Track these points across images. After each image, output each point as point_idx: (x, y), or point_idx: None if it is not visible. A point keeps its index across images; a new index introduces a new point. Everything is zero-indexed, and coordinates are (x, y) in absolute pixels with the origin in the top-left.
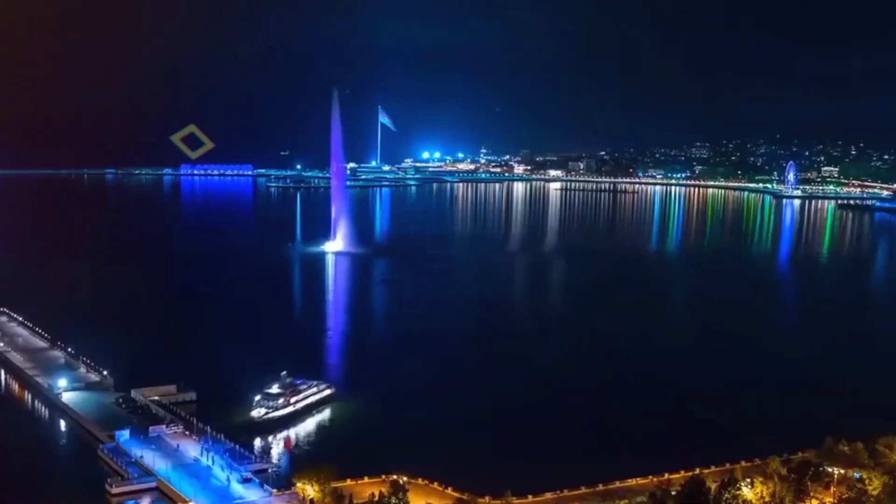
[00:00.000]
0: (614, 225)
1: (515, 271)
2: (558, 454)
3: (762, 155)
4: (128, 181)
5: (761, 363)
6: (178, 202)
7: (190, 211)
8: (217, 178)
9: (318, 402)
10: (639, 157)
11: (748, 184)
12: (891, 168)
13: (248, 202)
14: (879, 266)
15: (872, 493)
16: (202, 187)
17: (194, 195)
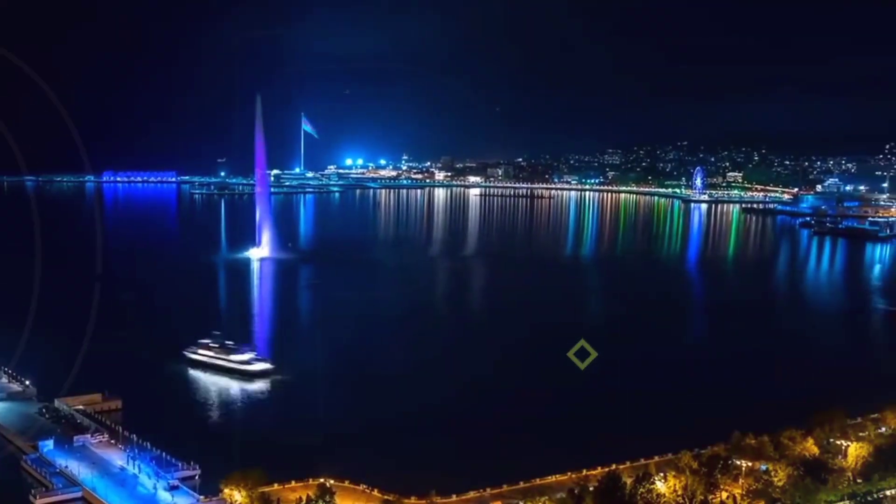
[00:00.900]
0: (532, 229)
1: (438, 275)
2: (482, 454)
3: (671, 161)
4: (49, 188)
5: (672, 361)
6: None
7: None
8: (140, 186)
9: (252, 373)
10: (554, 164)
11: (658, 189)
12: (791, 173)
13: (172, 209)
14: (781, 267)
15: (778, 484)
16: (125, 194)
17: (117, 202)
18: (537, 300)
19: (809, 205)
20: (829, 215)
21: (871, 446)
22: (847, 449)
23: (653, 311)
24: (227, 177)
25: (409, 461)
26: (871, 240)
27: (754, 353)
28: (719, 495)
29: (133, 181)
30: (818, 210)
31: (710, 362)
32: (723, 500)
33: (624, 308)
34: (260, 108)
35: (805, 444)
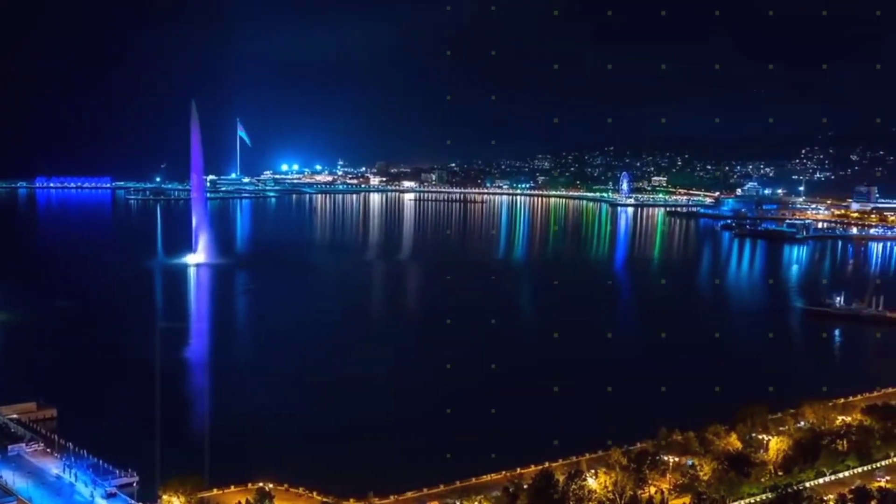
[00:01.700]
0: (466, 233)
1: (375, 279)
2: (419, 455)
3: (598, 166)
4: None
5: (601, 361)
6: (33, 215)
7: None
8: (74, 191)
9: None
10: (486, 169)
11: (587, 193)
12: (712, 177)
13: (107, 215)
14: (704, 268)
15: (703, 478)
16: (59, 200)
17: (50, 208)
18: (472, 303)
19: (730, 208)
20: (748, 218)
21: (790, 440)
22: (768, 443)
23: (582, 313)
24: (162, 182)
25: (348, 463)
26: (788, 241)
27: (680, 352)
28: (648, 490)
29: (67, 187)
30: (738, 213)
31: (638, 361)
32: (651, 495)
33: (555, 309)
34: (195, 114)
35: (729, 439)
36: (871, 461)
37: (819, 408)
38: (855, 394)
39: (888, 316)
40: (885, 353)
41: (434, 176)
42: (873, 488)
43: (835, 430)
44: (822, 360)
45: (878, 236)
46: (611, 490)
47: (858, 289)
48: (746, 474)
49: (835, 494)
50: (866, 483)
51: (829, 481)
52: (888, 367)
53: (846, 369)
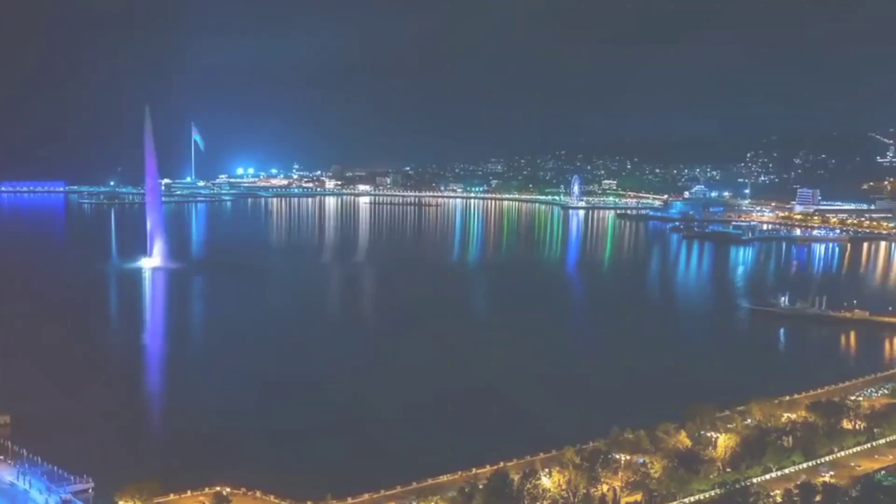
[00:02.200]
0: (421, 236)
1: (330, 282)
2: (375, 456)
3: (550, 170)
4: None
5: (554, 361)
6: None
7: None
8: (27, 196)
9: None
10: (440, 172)
11: (539, 196)
12: (661, 181)
13: (61, 219)
14: (654, 269)
15: (654, 476)
16: (10, 205)
17: (1, 213)
18: (427, 304)
19: (678, 210)
20: (696, 220)
21: (738, 437)
22: (717, 440)
23: (535, 314)
24: (116, 186)
25: (305, 465)
26: (734, 243)
27: (630, 352)
28: (600, 488)
29: (19, 191)
30: (686, 215)
31: (590, 361)
32: (603, 493)
33: (508, 310)
34: (149, 117)
35: (678, 437)
36: (816, 457)
37: (765, 405)
38: (800, 391)
39: (831, 315)
40: (828, 351)
41: (389, 180)
42: (818, 483)
43: (780, 427)
44: (767, 358)
45: (821, 237)
46: (564, 489)
47: (802, 289)
48: (696, 471)
49: (781, 490)
50: (811, 478)
51: (775, 477)
52: (831, 365)
53: (791, 367)
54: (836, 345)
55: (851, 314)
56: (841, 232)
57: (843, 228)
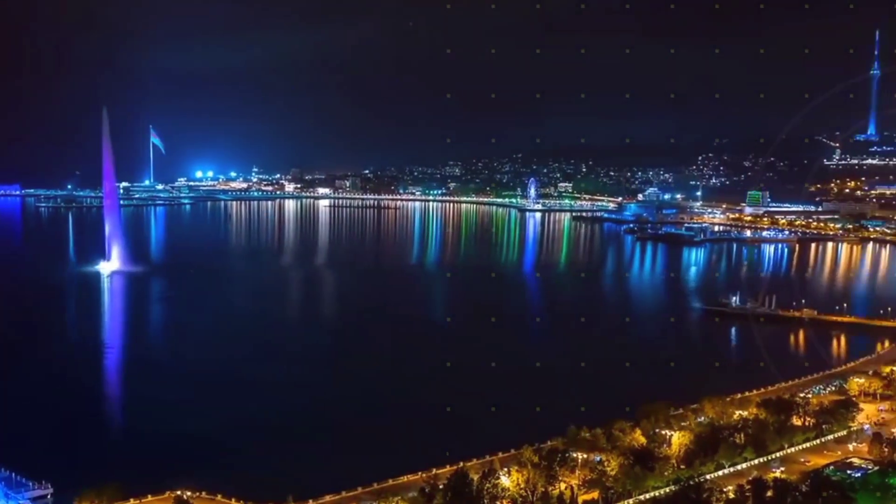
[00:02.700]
0: (380, 238)
1: (291, 284)
2: (336, 458)
3: (507, 173)
4: None
5: (512, 361)
6: None
7: None
8: None
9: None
10: (399, 175)
11: (496, 199)
12: (615, 183)
13: (17, 223)
14: (609, 270)
15: (610, 473)
16: None
17: None
18: (386, 307)
19: (632, 213)
20: (649, 222)
21: (691, 434)
22: (671, 438)
23: (492, 315)
24: (74, 189)
25: (266, 467)
26: (687, 244)
27: (586, 352)
28: (558, 486)
29: None
30: (640, 217)
31: (547, 361)
32: (561, 491)
33: (466, 312)
34: (107, 120)
35: (634, 435)
36: (767, 453)
37: (718, 403)
38: (751, 389)
39: (780, 314)
40: (778, 349)
41: (348, 183)
42: (769, 479)
43: (732, 424)
44: (719, 357)
45: (770, 238)
46: (523, 487)
47: (752, 289)
48: (651, 468)
49: (734, 486)
50: (763, 474)
51: (728, 473)
52: (780, 363)
53: (742, 366)
54: (786, 343)
55: (800, 313)
56: (789, 233)
57: (792, 230)
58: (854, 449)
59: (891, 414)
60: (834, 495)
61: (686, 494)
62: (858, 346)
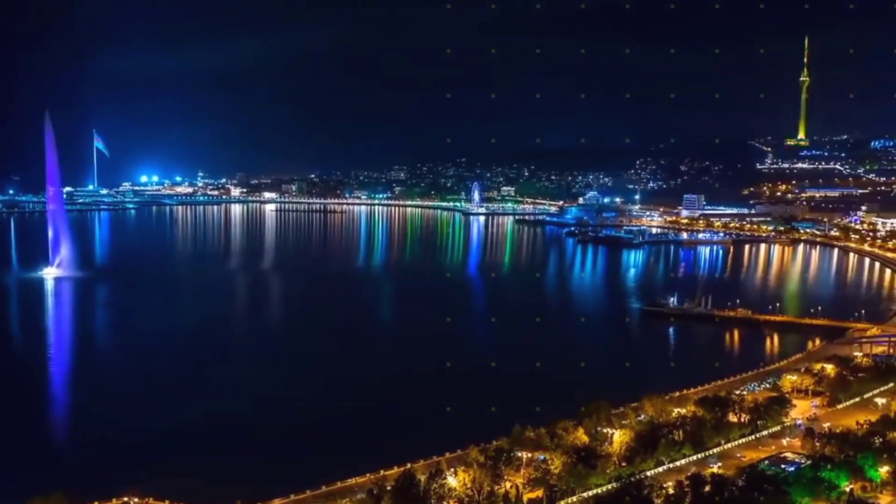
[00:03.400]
0: (327, 242)
1: (237, 288)
2: (283, 461)
3: (451, 177)
4: None
5: (457, 363)
6: None
7: None
8: None
9: None
10: (345, 180)
11: (441, 203)
12: (557, 187)
13: None
14: (551, 272)
15: (554, 472)
16: None
17: None
18: (334, 310)
19: (573, 216)
20: (590, 225)
21: (632, 432)
22: (612, 436)
23: (437, 317)
24: (16, 194)
25: (213, 472)
26: (626, 247)
27: (530, 352)
28: (504, 485)
29: None
30: (581, 220)
31: (491, 362)
32: (507, 490)
33: (411, 314)
34: (50, 124)
35: (577, 434)
36: (705, 449)
37: (657, 401)
38: (689, 387)
39: (716, 314)
40: (714, 348)
41: (294, 187)
42: (707, 474)
43: (671, 421)
44: (658, 356)
45: (706, 241)
46: (469, 487)
47: (689, 289)
48: (593, 466)
49: (673, 481)
50: (701, 470)
51: (667, 469)
52: (717, 362)
53: (680, 364)
54: (722, 342)
55: (735, 313)
56: (724, 235)
57: (726, 232)
58: (788, 444)
59: (822, 409)
60: (769, 489)
61: (627, 491)
62: (790, 344)
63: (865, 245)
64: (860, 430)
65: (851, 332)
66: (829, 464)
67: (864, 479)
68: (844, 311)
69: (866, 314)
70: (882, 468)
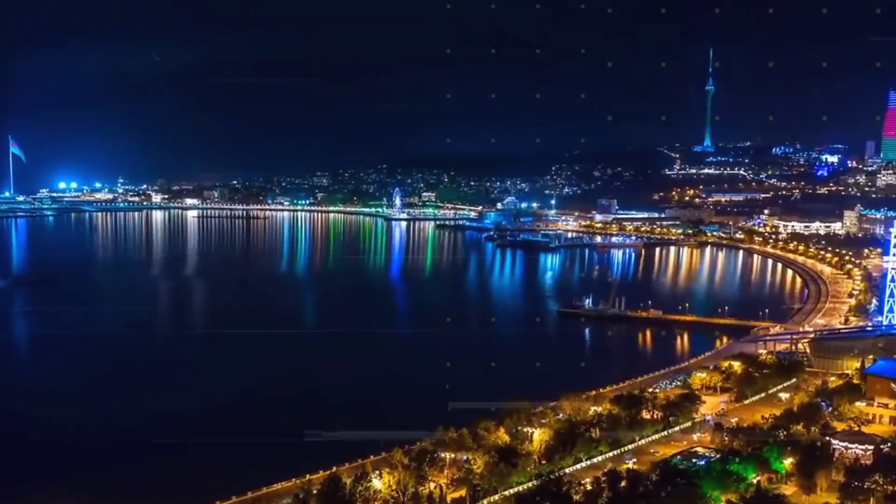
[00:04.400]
0: (250, 248)
1: (159, 295)
2: (208, 467)
3: (373, 183)
4: None
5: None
6: None
7: None
8: None
9: None
10: (267, 186)
11: (363, 208)
12: (476, 193)
13: None
14: (471, 276)
15: (477, 471)
16: None
17: None
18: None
19: (492, 220)
20: (508, 230)
21: (551, 431)
22: (532, 435)
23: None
24: None
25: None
26: (543, 250)
27: (452, 354)
28: (428, 486)
29: None
30: (499, 225)
31: (415, 364)
32: (431, 491)
33: (334, 317)
34: None
35: (498, 434)
36: (620, 446)
37: (574, 400)
38: (605, 386)
39: (629, 315)
40: (627, 347)
41: (216, 193)
42: (622, 470)
43: (588, 419)
44: (575, 356)
45: (619, 244)
46: (395, 489)
47: (604, 291)
48: (514, 465)
49: (590, 478)
50: (616, 466)
51: (585, 466)
52: (630, 361)
53: (596, 364)
54: (635, 342)
55: (647, 313)
56: (636, 238)
57: (638, 235)
58: (698, 439)
59: (730, 405)
60: (681, 483)
61: (547, 488)
62: (699, 343)
63: (768, 247)
64: (766, 425)
65: (756, 331)
66: (737, 457)
67: (770, 471)
68: (749, 310)
69: (770, 313)
70: (786, 460)
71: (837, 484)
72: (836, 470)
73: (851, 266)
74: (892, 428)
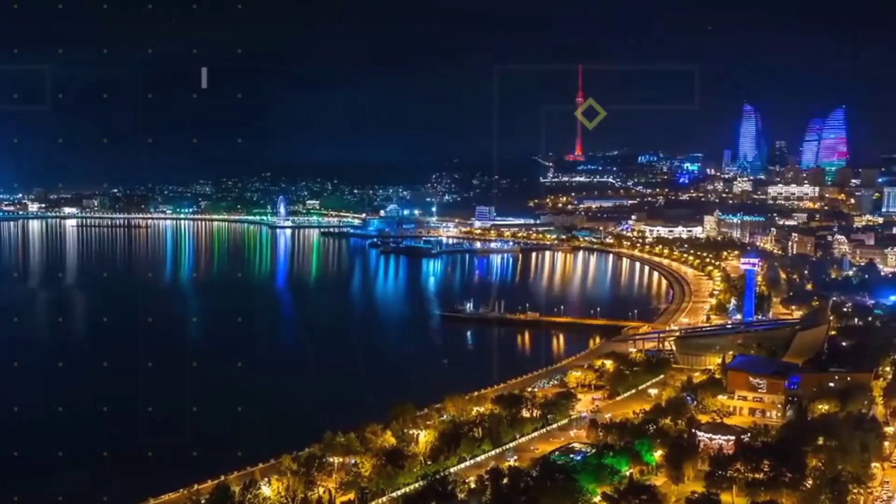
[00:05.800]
0: (132, 257)
1: (37, 307)
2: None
3: (257, 191)
4: None
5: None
6: None
7: None
8: None
9: None
10: (150, 194)
11: (247, 216)
12: (359, 200)
13: None
14: (356, 282)
15: (365, 475)
16: None
17: None
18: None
19: (375, 228)
20: (391, 236)
21: (436, 432)
22: (418, 436)
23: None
24: None
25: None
26: (425, 256)
27: (337, 359)
28: (317, 491)
29: None
30: (382, 232)
31: (300, 371)
32: (320, 496)
33: (218, 326)
34: None
35: (385, 437)
36: (502, 444)
37: (458, 401)
38: (486, 386)
39: (508, 318)
40: (508, 349)
41: (96, 202)
42: (504, 467)
43: (471, 420)
44: (458, 358)
45: (497, 249)
46: (283, 495)
47: (484, 295)
48: (401, 466)
49: (475, 476)
50: (499, 463)
51: (469, 465)
52: (510, 362)
53: (478, 365)
54: (514, 343)
55: (525, 316)
56: (513, 243)
57: (515, 240)
58: (575, 435)
59: (604, 402)
60: (560, 478)
61: (433, 488)
62: (574, 343)
63: (636, 251)
64: (637, 419)
65: (626, 331)
66: (611, 451)
67: (642, 463)
68: (620, 311)
69: (639, 313)
70: (656, 452)
71: (703, 473)
72: (701, 460)
73: (712, 268)
74: (751, 419)
